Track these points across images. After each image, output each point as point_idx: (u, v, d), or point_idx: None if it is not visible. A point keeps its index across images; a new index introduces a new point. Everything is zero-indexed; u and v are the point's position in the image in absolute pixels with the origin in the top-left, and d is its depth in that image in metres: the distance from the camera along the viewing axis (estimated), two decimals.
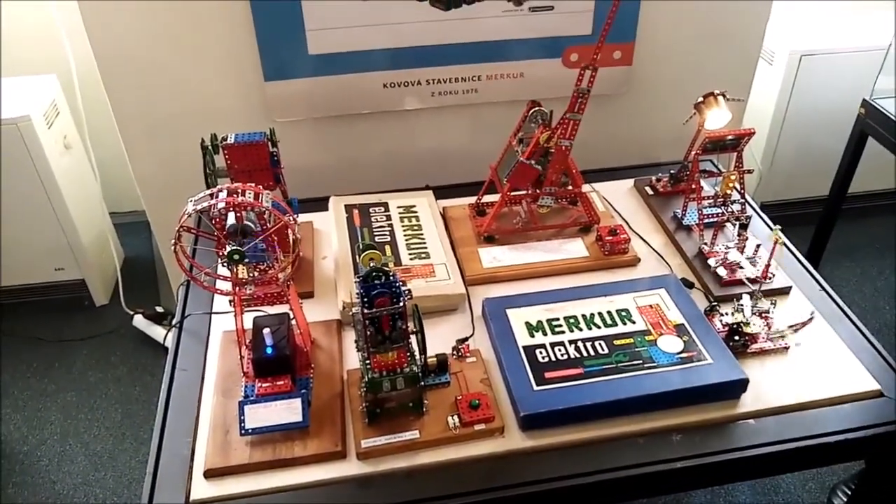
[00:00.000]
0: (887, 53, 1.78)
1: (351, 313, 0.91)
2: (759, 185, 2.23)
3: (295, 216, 0.91)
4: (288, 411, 1.01)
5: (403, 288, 0.90)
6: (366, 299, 0.89)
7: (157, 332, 1.98)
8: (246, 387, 1.04)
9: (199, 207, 0.84)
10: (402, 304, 0.89)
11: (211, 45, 1.55)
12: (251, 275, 0.93)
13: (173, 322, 1.22)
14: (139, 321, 2.02)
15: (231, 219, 0.90)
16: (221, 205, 0.87)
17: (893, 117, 1.76)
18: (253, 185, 0.89)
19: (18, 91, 1.87)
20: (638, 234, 1.38)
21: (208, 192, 0.86)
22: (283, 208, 0.89)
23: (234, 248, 0.87)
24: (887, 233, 2.32)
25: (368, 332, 0.91)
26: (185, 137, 1.56)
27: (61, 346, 1.99)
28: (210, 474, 0.97)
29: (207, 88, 1.60)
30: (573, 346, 1.09)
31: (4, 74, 1.93)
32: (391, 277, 0.91)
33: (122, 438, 1.75)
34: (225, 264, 0.91)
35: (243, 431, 0.99)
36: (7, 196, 1.88)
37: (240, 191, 0.87)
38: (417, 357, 1.00)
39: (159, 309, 2.03)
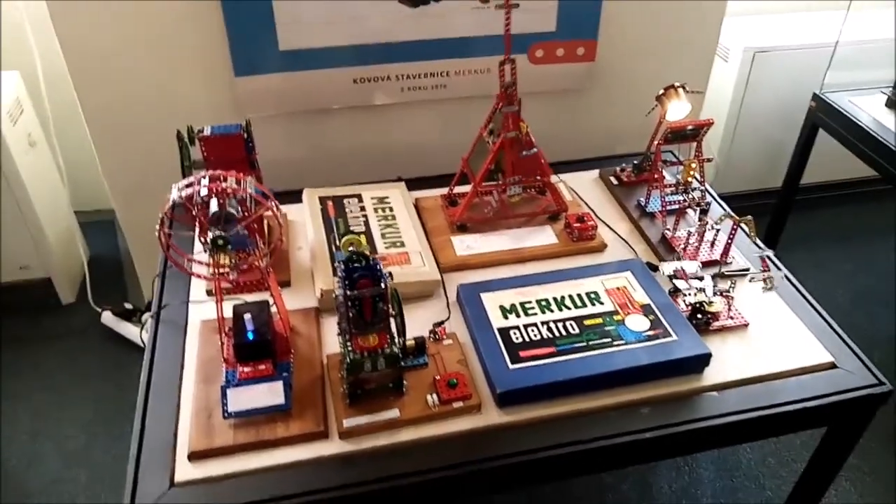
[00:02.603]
0: (835, 49, 1.88)
1: (333, 295, 0.93)
2: (716, 176, 2.32)
3: (276, 202, 0.93)
4: (270, 394, 1.03)
5: (384, 271, 0.93)
6: (347, 282, 0.92)
7: (126, 328, 1.97)
8: (227, 372, 1.06)
9: (184, 194, 0.86)
10: (384, 285, 0.92)
11: (181, 41, 1.56)
12: (233, 262, 0.95)
13: (151, 313, 1.23)
14: (108, 318, 2.00)
15: (214, 206, 0.92)
16: (204, 191, 0.89)
17: (842, 110, 1.86)
18: (234, 172, 0.91)
19: None
20: (604, 222, 1.43)
21: (192, 178, 0.88)
22: (265, 194, 0.91)
23: (219, 234, 0.89)
24: (842, 222, 2.43)
25: (350, 315, 0.94)
26: (155, 133, 1.57)
27: (28, 345, 1.97)
28: (194, 456, 0.98)
29: (177, 84, 1.61)
30: (545, 326, 1.14)
31: None
32: (371, 261, 0.94)
33: (95, 436, 1.73)
34: (208, 251, 0.93)
35: (226, 415, 1.01)
36: None
37: (222, 177, 0.89)
38: (397, 339, 1.03)
39: (128, 305, 2.02)
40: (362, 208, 1.41)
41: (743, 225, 1.18)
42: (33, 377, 1.88)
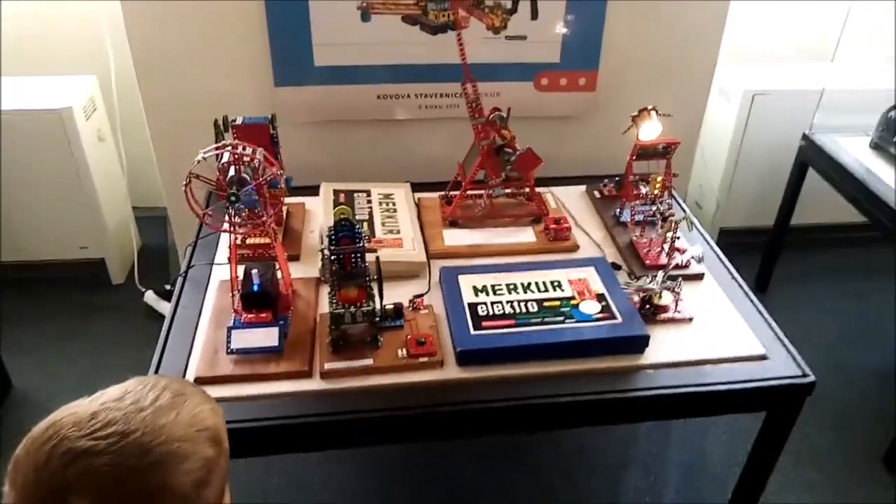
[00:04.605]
0: (822, 94, 2.02)
1: (319, 249, 1.13)
2: (716, 212, 2.45)
3: (281, 170, 1.14)
4: (266, 337, 1.23)
5: (363, 233, 1.13)
6: (332, 239, 1.12)
7: (164, 307, 2.21)
8: (235, 318, 1.26)
9: (206, 156, 1.08)
10: (360, 243, 1.11)
11: (231, 54, 1.81)
12: (243, 219, 1.16)
13: (180, 272, 1.45)
14: (149, 297, 2.25)
15: (232, 171, 1.14)
16: (226, 156, 1.11)
17: (827, 150, 1.99)
18: (248, 144, 1.13)
19: (62, 87, 2.14)
20: (581, 228, 1.60)
21: (216, 145, 1.10)
22: (272, 161, 1.12)
23: (232, 192, 1.11)
24: (835, 262, 2.53)
25: (334, 268, 1.14)
26: (204, 134, 1.81)
27: (81, 314, 2.23)
28: (198, 381, 1.18)
29: (226, 91, 1.86)
30: (509, 304, 1.31)
31: (53, 72, 2.21)
32: (355, 226, 1.14)
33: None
34: (224, 206, 1.14)
35: (229, 351, 1.21)
36: (44, 177, 2.14)
37: (240, 146, 1.11)
38: (377, 301, 1.22)
39: (168, 287, 2.26)
40: (369, 201, 1.62)
41: (683, 225, 1.34)
42: (80, 343, 2.13)
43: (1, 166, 2.10)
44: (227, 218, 1.17)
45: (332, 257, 1.12)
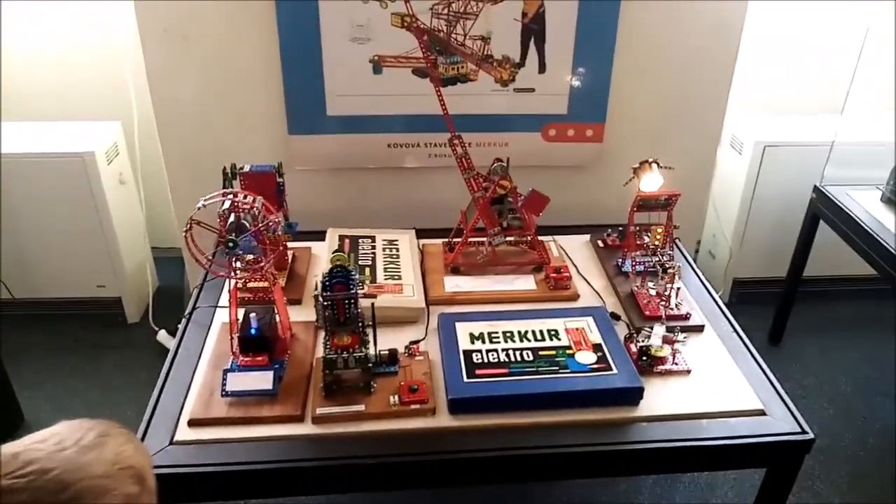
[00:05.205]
0: (832, 147, 2.02)
1: (314, 294, 1.15)
2: (729, 262, 2.44)
3: (282, 218, 1.17)
4: (261, 381, 1.24)
5: (357, 278, 1.15)
6: (327, 285, 1.14)
7: None
8: (232, 361, 1.28)
9: (207, 203, 1.12)
10: (354, 290, 1.13)
11: (247, 104, 1.88)
12: (242, 264, 1.19)
13: (185, 313, 1.48)
14: (162, 336, 2.29)
15: (232, 218, 1.17)
16: (227, 204, 1.15)
17: (839, 202, 1.98)
18: (248, 193, 1.16)
19: (87, 132, 2.22)
20: (583, 277, 1.60)
21: (215, 193, 1.14)
22: (271, 209, 1.16)
23: (231, 238, 1.14)
24: (850, 314, 2.49)
25: (327, 314, 1.16)
26: (219, 179, 1.88)
27: (94, 351, 2.27)
28: (193, 423, 1.20)
29: (241, 138, 1.92)
30: (504, 353, 1.31)
31: (80, 118, 2.30)
32: (350, 273, 1.16)
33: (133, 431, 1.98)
34: (224, 252, 1.17)
35: (224, 393, 1.23)
36: (65, 217, 2.21)
37: (241, 195, 1.15)
38: (371, 347, 1.23)
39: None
40: (373, 246, 1.64)
41: (671, 271, 1.34)
42: (93, 378, 2.17)
43: (24, 206, 2.18)
44: (227, 263, 1.20)
45: (326, 303, 1.14)
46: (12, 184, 2.14)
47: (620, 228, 1.71)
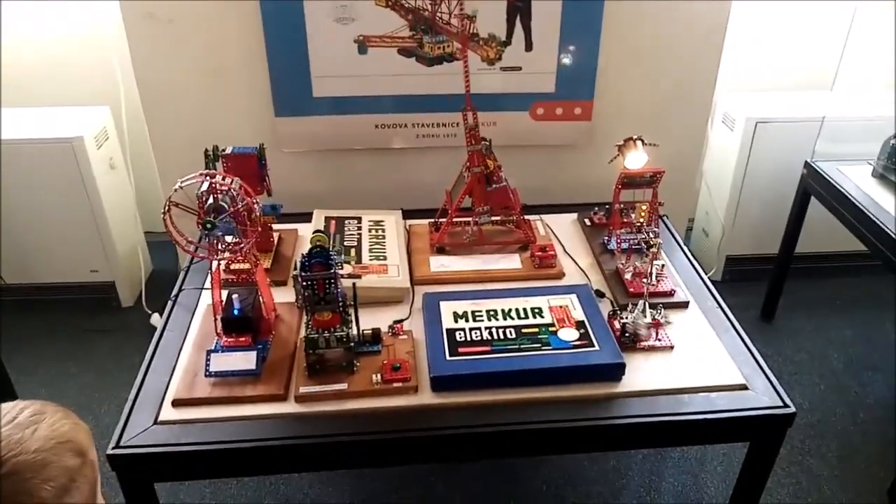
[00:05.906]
0: (822, 123, 2.01)
1: (292, 275, 1.16)
2: (722, 239, 2.43)
3: (256, 199, 1.17)
4: (245, 361, 1.25)
5: (339, 259, 1.15)
6: (306, 264, 1.14)
7: None
8: (216, 342, 1.29)
9: (184, 185, 1.12)
10: (332, 270, 1.13)
11: (234, 87, 1.87)
12: (223, 246, 1.19)
13: (171, 295, 1.49)
14: (156, 319, 2.29)
15: (210, 200, 1.17)
16: (204, 186, 1.15)
17: (830, 178, 1.97)
18: (227, 174, 1.16)
19: (76, 117, 2.22)
20: (569, 255, 1.60)
21: (192, 175, 1.14)
22: (249, 191, 1.16)
23: (209, 219, 1.14)
24: (843, 291, 2.48)
25: (306, 293, 1.16)
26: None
27: (87, 336, 2.28)
28: (177, 403, 1.21)
29: (229, 122, 1.92)
30: (487, 331, 1.32)
31: (68, 103, 2.30)
32: (329, 252, 1.16)
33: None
34: (203, 233, 1.17)
35: (207, 373, 1.23)
36: (56, 203, 2.21)
37: (218, 176, 1.15)
38: (353, 327, 1.24)
39: None
40: (359, 228, 1.64)
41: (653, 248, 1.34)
42: (86, 362, 2.18)
43: (15, 192, 2.18)
44: (208, 245, 1.20)
45: (304, 283, 1.14)
46: (2, 170, 2.14)
47: (607, 206, 1.70)
